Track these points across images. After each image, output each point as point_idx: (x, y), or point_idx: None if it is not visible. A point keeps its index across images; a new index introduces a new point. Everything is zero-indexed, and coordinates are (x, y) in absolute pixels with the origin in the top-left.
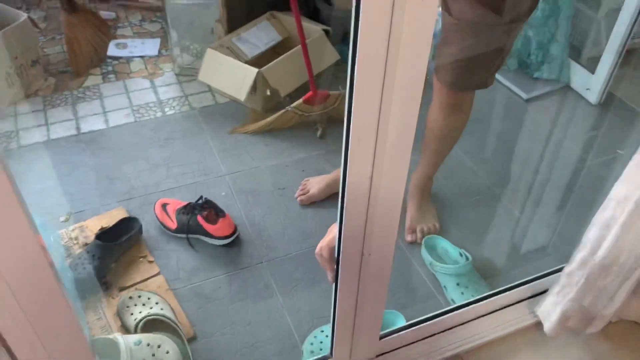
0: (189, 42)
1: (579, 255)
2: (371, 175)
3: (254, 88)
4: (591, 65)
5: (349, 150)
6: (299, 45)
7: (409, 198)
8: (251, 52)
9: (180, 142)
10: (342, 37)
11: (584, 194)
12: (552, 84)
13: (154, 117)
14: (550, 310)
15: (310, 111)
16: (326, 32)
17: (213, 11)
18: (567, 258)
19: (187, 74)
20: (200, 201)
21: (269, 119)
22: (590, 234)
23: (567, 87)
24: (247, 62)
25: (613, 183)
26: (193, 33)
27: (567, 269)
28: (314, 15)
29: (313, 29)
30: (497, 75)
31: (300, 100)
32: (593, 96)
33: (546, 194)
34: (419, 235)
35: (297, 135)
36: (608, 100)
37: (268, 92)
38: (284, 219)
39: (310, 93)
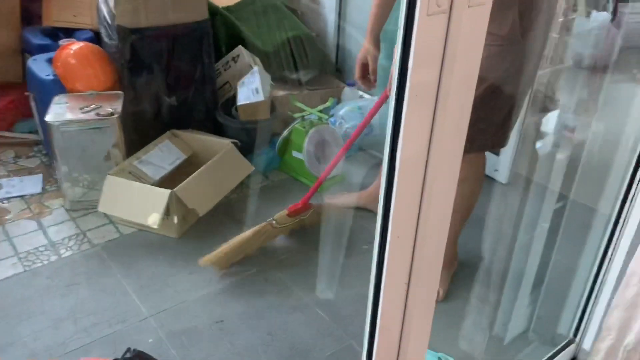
0: (77, 173)
1: (604, 345)
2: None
3: (167, 212)
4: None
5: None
6: (210, 161)
7: None
8: (156, 174)
9: (86, 286)
10: (253, 148)
11: (522, 270)
12: None
13: (47, 262)
14: None
15: (286, 223)
16: (234, 144)
17: (109, 136)
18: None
19: (80, 208)
20: (128, 355)
21: (245, 234)
22: (613, 319)
23: None
24: (153, 185)
25: (550, 257)
26: (85, 162)
27: None
28: (218, 130)
29: (221, 142)
30: None
31: (285, 212)
32: (502, 176)
33: (488, 276)
34: None
35: None
36: (515, 179)
37: (175, 220)
38: (231, 356)
39: (297, 204)
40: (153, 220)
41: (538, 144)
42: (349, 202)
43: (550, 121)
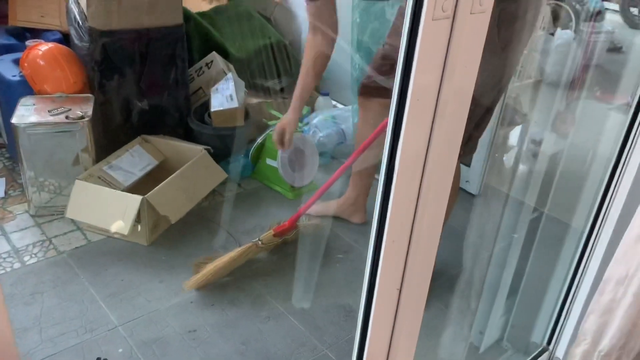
0: (44, 177)
1: (579, 350)
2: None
3: (137, 218)
4: (466, 160)
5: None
6: (182, 167)
7: None
8: (126, 179)
9: (52, 294)
10: (226, 155)
11: (495, 279)
12: None
13: (10, 269)
14: None
15: (271, 242)
16: (207, 151)
17: (78, 140)
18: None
19: (46, 213)
20: None
21: (231, 254)
22: (589, 324)
23: None
24: (123, 191)
25: (523, 267)
26: (53, 166)
27: None
28: (190, 137)
29: (194, 149)
30: None
31: (270, 232)
32: (473, 187)
33: (462, 286)
34: None
35: None
36: (486, 190)
37: (139, 228)
38: None
39: (283, 225)
40: (117, 227)
41: (505, 157)
42: (326, 211)
43: (517, 134)
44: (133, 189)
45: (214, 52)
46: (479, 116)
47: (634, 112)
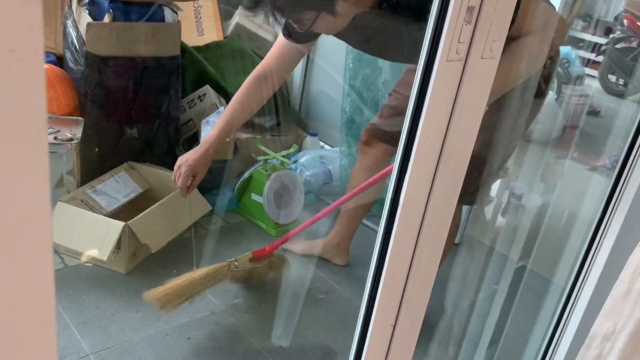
0: None
1: None
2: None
3: (117, 245)
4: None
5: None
6: (167, 197)
7: None
8: (109, 205)
9: None
10: (212, 187)
11: (479, 331)
12: None
13: None
14: None
15: (245, 267)
16: None
17: (65, 162)
18: None
19: None
20: None
21: (200, 271)
22: None
23: None
24: (105, 216)
25: (504, 316)
26: None
27: None
28: None
29: None
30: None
31: (249, 254)
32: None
33: (440, 333)
34: None
35: None
36: (467, 240)
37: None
38: None
39: (263, 249)
40: (95, 253)
41: (486, 208)
42: (310, 251)
43: (498, 187)
44: (115, 215)
45: (207, 86)
46: (491, 170)
47: (618, 173)
